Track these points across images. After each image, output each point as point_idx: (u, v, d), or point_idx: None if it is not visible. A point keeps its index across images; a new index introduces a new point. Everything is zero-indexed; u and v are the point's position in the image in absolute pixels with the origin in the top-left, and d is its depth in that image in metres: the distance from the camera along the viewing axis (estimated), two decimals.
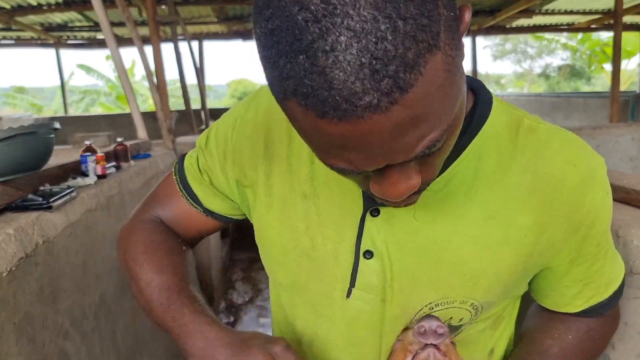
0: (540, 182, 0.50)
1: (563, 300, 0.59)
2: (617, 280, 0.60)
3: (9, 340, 0.85)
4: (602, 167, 0.52)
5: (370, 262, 0.54)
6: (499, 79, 27.27)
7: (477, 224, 0.50)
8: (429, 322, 0.51)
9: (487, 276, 0.52)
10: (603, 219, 0.53)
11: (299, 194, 0.57)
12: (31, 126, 1.07)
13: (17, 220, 0.98)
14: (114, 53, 2.27)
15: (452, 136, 0.40)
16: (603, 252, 0.56)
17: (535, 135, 0.51)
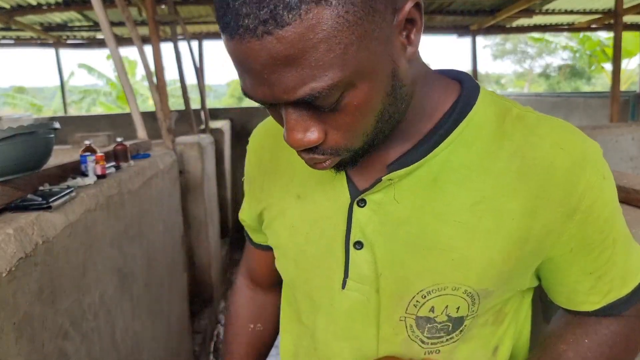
0: (529, 167, 0.50)
1: (577, 297, 0.57)
2: (637, 274, 0.56)
3: (9, 340, 0.85)
4: (596, 151, 0.52)
5: (360, 252, 0.55)
6: (499, 78, 27.25)
7: (466, 211, 0.51)
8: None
9: (478, 262, 0.52)
10: (603, 204, 0.51)
11: (293, 196, 0.61)
12: (31, 126, 1.07)
13: (17, 220, 0.98)
14: (114, 53, 2.27)
15: (359, 100, 0.42)
16: (610, 241, 0.53)
17: (523, 122, 0.52)
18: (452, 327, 0.55)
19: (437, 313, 0.54)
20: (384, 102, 0.44)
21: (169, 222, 2.16)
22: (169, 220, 2.18)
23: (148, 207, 1.83)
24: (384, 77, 0.43)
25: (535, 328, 0.67)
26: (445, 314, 0.54)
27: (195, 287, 2.90)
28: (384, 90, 0.44)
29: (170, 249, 2.14)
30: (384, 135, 0.49)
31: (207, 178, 3.13)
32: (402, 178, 0.52)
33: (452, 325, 0.55)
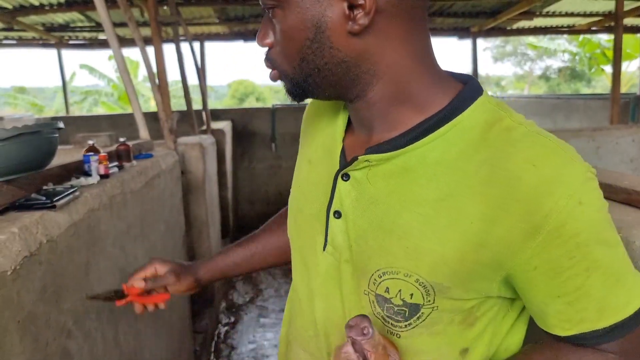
0: (496, 176, 0.51)
1: (548, 319, 0.56)
2: (618, 311, 0.53)
3: (13, 338, 0.86)
4: (578, 176, 0.50)
5: (338, 221, 0.61)
6: (499, 80, 27.27)
7: (429, 204, 0.54)
8: (358, 319, 0.53)
9: (430, 255, 0.54)
10: (575, 230, 0.50)
11: (306, 159, 0.70)
12: (35, 125, 1.08)
13: (21, 219, 0.98)
14: (117, 53, 2.27)
15: (284, 25, 0.53)
16: (582, 269, 0.51)
17: (509, 133, 0.53)
18: (409, 313, 0.57)
19: (392, 295, 0.57)
20: (305, 45, 0.53)
21: (171, 222, 2.17)
22: (171, 220, 2.19)
23: (150, 207, 1.84)
24: (307, 23, 0.52)
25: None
26: (399, 297, 0.57)
27: None
28: (305, 35, 0.52)
29: (172, 249, 2.15)
30: (315, 85, 0.56)
31: (209, 178, 3.13)
32: (380, 162, 0.56)
33: (408, 310, 0.57)
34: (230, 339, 3.09)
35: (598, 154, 3.19)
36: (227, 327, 3.22)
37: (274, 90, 24.89)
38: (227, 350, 2.95)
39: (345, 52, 0.53)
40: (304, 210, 0.67)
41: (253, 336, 3.10)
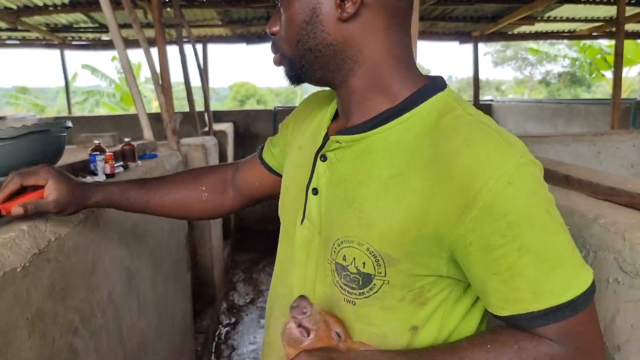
0: (437, 155, 0.58)
1: (488, 298, 0.58)
2: (553, 296, 0.55)
3: (22, 334, 0.87)
4: (511, 159, 0.54)
5: (314, 197, 0.69)
6: (500, 85, 27.31)
7: (382, 181, 0.61)
8: (299, 300, 0.59)
9: (379, 225, 0.60)
10: (505, 209, 0.53)
11: (297, 146, 0.78)
12: (44, 124, 1.09)
13: (30, 216, 0.99)
14: (122, 55, 2.29)
15: (287, 11, 0.63)
16: (515, 248, 0.54)
17: (456, 120, 0.60)
18: (362, 282, 0.63)
19: (348, 262, 0.63)
20: (302, 27, 0.63)
21: (174, 222, 2.18)
22: (174, 220, 2.20)
23: None
24: (305, 8, 0.62)
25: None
26: (354, 265, 0.63)
27: (198, 288, 2.90)
28: (302, 18, 0.62)
29: (175, 248, 2.16)
30: (308, 66, 0.65)
31: None
32: (348, 144, 0.65)
33: (361, 279, 0.63)
34: (231, 339, 3.09)
35: (599, 159, 3.20)
36: (228, 327, 3.23)
37: (275, 93, 24.91)
38: (228, 350, 2.95)
39: (333, 36, 0.62)
40: (290, 189, 0.76)
41: (254, 337, 3.10)
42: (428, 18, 5.20)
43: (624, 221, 0.83)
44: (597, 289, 0.84)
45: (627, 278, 0.77)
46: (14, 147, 1.03)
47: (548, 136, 3.13)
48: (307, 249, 0.70)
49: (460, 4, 4.65)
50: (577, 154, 3.11)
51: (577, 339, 0.56)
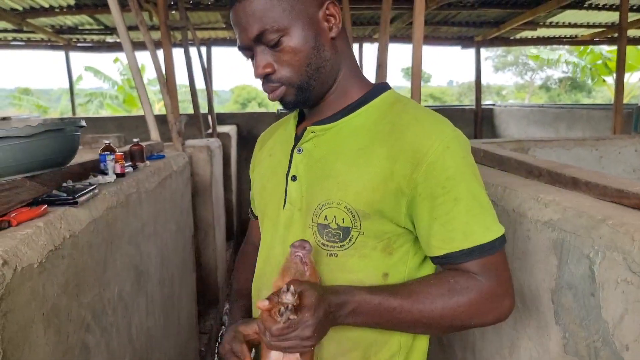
0: (394, 129, 0.76)
1: (430, 242, 0.76)
2: (479, 236, 0.73)
3: (38, 330, 0.88)
4: (449, 132, 0.75)
5: (294, 183, 0.83)
6: (500, 89, 27.37)
7: (353, 152, 0.78)
8: (301, 241, 0.73)
9: (354, 186, 0.76)
10: (444, 166, 0.72)
11: (267, 155, 0.93)
12: (59, 123, 1.10)
13: (46, 214, 1.00)
14: (130, 56, 2.31)
15: (293, 43, 0.74)
16: (451, 197, 0.72)
17: (405, 107, 0.80)
18: (342, 236, 0.78)
19: (329, 221, 0.77)
20: (310, 52, 0.75)
21: (181, 223, 2.19)
22: (181, 220, 2.21)
23: (162, 207, 1.86)
24: (310, 36, 0.75)
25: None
26: (335, 222, 0.77)
27: (202, 288, 2.91)
28: (309, 44, 0.75)
29: (181, 249, 2.17)
30: (316, 83, 0.78)
31: (215, 181, 3.16)
32: (323, 132, 0.81)
33: (341, 233, 0.77)
34: None
35: (601, 164, 3.21)
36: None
37: None
38: None
39: (330, 52, 0.78)
40: (267, 187, 0.90)
41: None
42: (431, 23, 5.23)
43: (633, 222, 0.84)
44: (605, 289, 0.86)
45: (635, 278, 0.78)
46: (31, 145, 1.04)
47: (550, 140, 3.14)
48: (289, 226, 0.83)
49: (463, 9, 4.68)
50: (579, 158, 3.13)
51: (496, 272, 0.74)
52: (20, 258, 0.82)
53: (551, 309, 1.02)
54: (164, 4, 2.96)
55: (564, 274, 0.97)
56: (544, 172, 1.24)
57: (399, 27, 5.19)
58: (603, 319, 0.86)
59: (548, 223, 1.02)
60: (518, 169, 1.38)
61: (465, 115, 6.34)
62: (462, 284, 0.74)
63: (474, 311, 0.74)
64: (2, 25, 4.78)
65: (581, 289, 0.92)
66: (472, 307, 0.73)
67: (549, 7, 4.24)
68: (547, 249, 1.02)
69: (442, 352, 1.67)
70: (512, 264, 1.17)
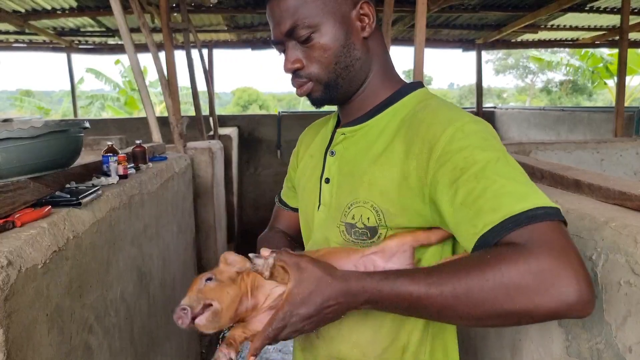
0: (412, 125, 0.75)
1: (460, 232, 0.65)
2: (511, 206, 0.59)
3: (42, 330, 0.88)
4: (463, 118, 0.71)
5: (327, 185, 0.85)
6: (501, 92, 27.38)
7: (378, 153, 0.78)
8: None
9: (379, 184, 0.76)
10: (460, 146, 0.67)
11: (309, 155, 0.95)
12: (63, 124, 1.11)
13: (49, 215, 1.01)
14: (132, 58, 2.31)
15: (323, 40, 0.75)
16: (472, 176, 0.64)
17: (427, 105, 0.78)
18: (370, 234, 0.77)
19: (356, 220, 0.78)
20: (339, 50, 0.76)
21: (183, 224, 2.19)
22: (183, 222, 2.21)
23: (165, 209, 1.86)
24: (340, 34, 0.76)
25: None
26: (361, 221, 0.77)
27: None
28: (339, 42, 0.76)
29: (183, 250, 2.17)
30: (344, 82, 0.79)
31: (217, 183, 3.16)
32: (352, 134, 0.83)
33: (369, 232, 0.77)
34: None
35: (602, 166, 3.21)
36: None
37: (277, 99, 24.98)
38: None
39: (361, 51, 0.78)
40: (306, 187, 0.91)
41: None
42: (432, 25, 5.24)
43: (636, 224, 0.84)
44: (608, 291, 0.86)
45: (638, 280, 0.78)
46: (35, 146, 1.05)
47: (551, 143, 3.15)
48: (323, 227, 0.85)
49: (465, 11, 4.69)
50: (581, 161, 3.13)
51: (548, 241, 0.57)
52: (24, 259, 0.83)
53: None
54: (166, 6, 2.97)
55: None
56: (546, 175, 1.24)
57: (400, 30, 5.20)
58: (606, 321, 0.86)
59: None
60: None
61: None
62: (496, 254, 0.58)
63: (514, 288, 0.55)
64: (4, 27, 4.80)
65: None
66: (511, 281, 0.55)
67: (551, 9, 4.24)
68: None
69: None
70: None
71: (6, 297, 0.74)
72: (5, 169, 1.02)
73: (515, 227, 0.58)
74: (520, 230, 0.58)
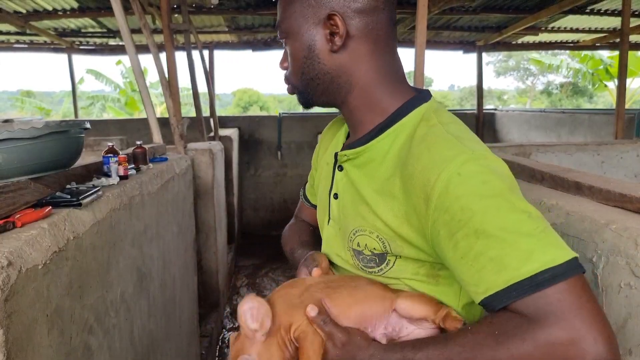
0: (409, 159, 0.69)
1: (465, 285, 0.64)
2: (515, 271, 0.57)
3: (42, 331, 0.88)
4: (461, 157, 0.63)
5: (335, 201, 0.84)
6: (502, 94, 27.39)
7: (380, 182, 0.74)
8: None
9: (382, 217, 0.72)
10: (456, 196, 0.61)
11: (325, 162, 0.92)
12: (64, 125, 1.11)
13: (50, 215, 1.01)
14: (133, 59, 2.32)
15: (291, 49, 0.77)
16: (471, 230, 0.60)
17: (428, 129, 0.71)
18: (379, 260, 0.75)
19: (362, 247, 0.76)
20: (303, 62, 0.76)
21: (183, 225, 2.19)
22: (183, 223, 2.21)
23: (165, 210, 1.86)
24: (304, 46, 0.75)
25: None
26: (368, 249, 0.75)
27: (203, 291, 2.91)
28: (303, 53, 0.76)
29: (183, 251, 2.17)
30: (313, 92, 0.78)
31: (217, 184, 3.16)
32: (354, 155, 0.79)
33: (377, 259, 0.75)
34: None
35: (602, 168, 3.21)
36: (232, 332, 3.22)
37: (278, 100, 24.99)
38: None
39: (329, 66, 0.75)
40: (321, 198, 0.91)
41: None
42: (433, 27, 5.25)
43: (636, 227, 0.84)
44: (609, 293, 0.86)
45: (639, 282, 0.78)
46: (36, 147, 1.05)
47: (552, 145, 3.15)
48: (333, 243, 0.85)
49: (465, 13, 4.70)
50: (581, 163, 3.13)
51: (556, 312, 0.55)
52: (24, 259, 0.83)
53: None
54: (167, 7, 2.97)
55: None
56: (546, 177, 1.24)
57: (401, 32, 5.20)
58: None
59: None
60: (521, 173, 1.38)
61: (466, 120, 6.33)
62: (504, 329, 0.57)
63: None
64: (6, 28, 4.81)
65: None
66: (521, 358, 0.55)
67: (551, 12, 4.25)
68: None
69: None
70: None
71: (6, 298, 0.74)
72: (6, 170, 1.02)
73: (520, 295, 0.56)
74: (525, 299, 0.56)
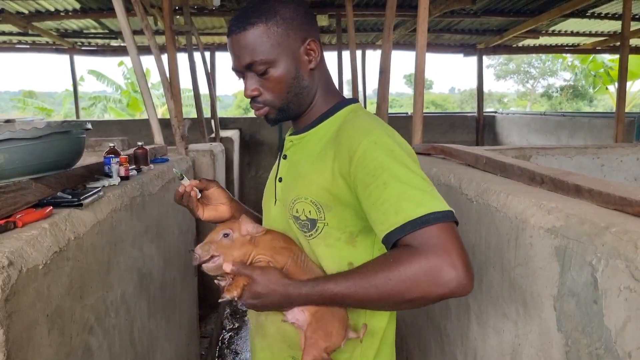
0: (338, 134, 0.90)
1: (375, 227, 0.81)
2: (410, 211, 0.76)
3: (42, 331, 0.88)
4: (377, 132, 0.85)
5: (280, 184, 0.99)
6: (502, 97, 27.40)
7: (314, 156, 0.93)
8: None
9: (315, 182, 0.89)
10: (372, 157, 0.81)
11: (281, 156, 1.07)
12: (66, 125, 1.11)
13: (51, 216, 1.01)
14: (135, 60, 2.32)
15: (278, 73, 0.90)
16: (381, 183, 0.79)
17: (355, 116, 0.93)
18: (310, 226, 0.91)
19: (299, 213, 0.91)
20: (291, 82, 0.91)
21: (184, 226, 2.20)
22: (184, 224, 2.22)
23: (166, 210, 1.87)
24: (292, 68, 0.90)
25: None
26: (304, 214, 0.91)
27: (203, 292, 2.91)
28: (291, 75, 0.91)
29: (183, 252, 2.17)
30: (294, 106, 0.94)
31: None
32: (298, 141, 0.98)
33: (309, 224, 0.91)
34: (234, 344, 3.09)
35: (602, 172, 3.21)
36: (232, 332, 3.23)
37: None
38: (231, 355, 2.95)
39: (308, 81, 0.94)
40: (269, 186, 1.05)
41: None
42: (434, 30, 5.26)
43: (636, 230, 0.84)
44: (608, 296, 0.86)
45: (638, 286, 0.78)
46: (37, 147, 1.05)
47: (552, 148, 3.15)
48: (279, 220, 0.99)
49: (466, 16, 4.71)
50: (581, 166, 3.13)
51: (435, 244, 0.74)
52: (25, 259, 0.83)
53: (553, 315, 1.02)
54: (169, 8, 2.98)
55: (567, 281, 0.97)
56: (546, 179, 1.25)
57: (402, 34, 5.21)
58: (606, 326, 0.86)
59: (550, 230, 1.02)
60: (521, 176, 1.38)
61: (467, 123, 6.35)
62: (396, 257, 0.76)
63: (410, 283, 0.74)
64: (8, 28, 4.82)
65: (584, 296, 0.92)
66: (407, 278, 0.74)
67: (552, 15, 4.26)
68: (550, 255, 1.02)
69: (443, 356, 1.66)
70: (514, 270, 1.17)
71: (7, 298, 0.74)
72: (7, 170, 1.02)
73: (412, 229, 0.75)
74: (415, 233, 0.75)
